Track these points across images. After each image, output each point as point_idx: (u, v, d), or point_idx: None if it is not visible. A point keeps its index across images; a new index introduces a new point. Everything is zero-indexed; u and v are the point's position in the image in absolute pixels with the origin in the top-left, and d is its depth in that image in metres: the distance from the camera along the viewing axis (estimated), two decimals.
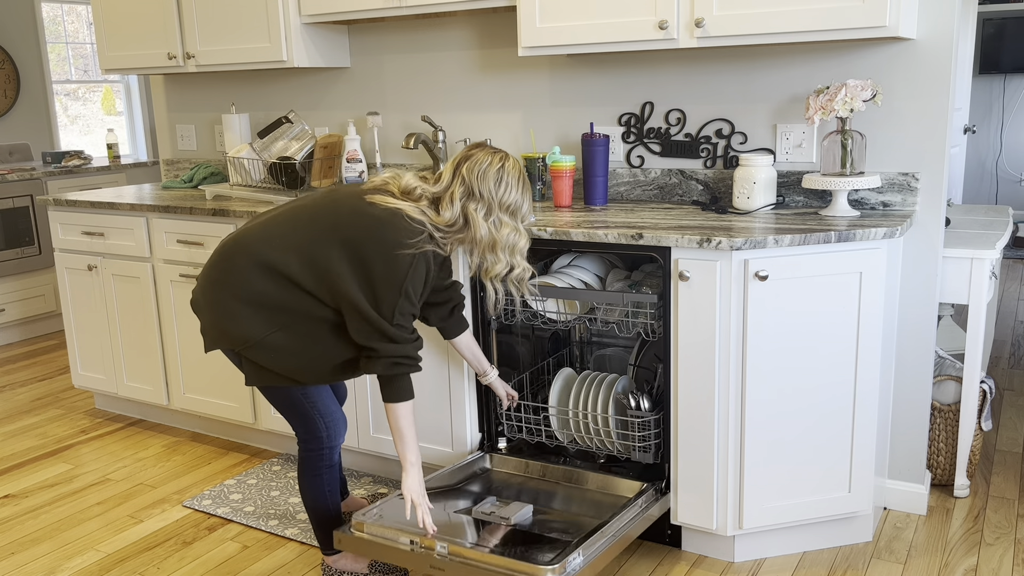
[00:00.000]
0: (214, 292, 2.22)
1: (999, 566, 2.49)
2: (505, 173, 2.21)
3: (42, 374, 4.54)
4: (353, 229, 2.12)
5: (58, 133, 6.49)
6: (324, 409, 2.34)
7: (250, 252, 2.18)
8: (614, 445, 2.62)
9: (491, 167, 2.20)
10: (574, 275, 2.66)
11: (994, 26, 6.73)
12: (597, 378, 2.70)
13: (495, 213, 2.20)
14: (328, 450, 2.37)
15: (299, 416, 2.34)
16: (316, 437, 2.35)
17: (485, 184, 2.18)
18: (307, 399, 2.31)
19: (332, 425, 2.36)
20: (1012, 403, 3.72)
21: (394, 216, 2.12)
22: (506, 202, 2.21)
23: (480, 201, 2.19)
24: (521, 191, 2.24)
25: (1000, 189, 7.10)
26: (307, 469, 2.38)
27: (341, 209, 2.17)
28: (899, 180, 2.65)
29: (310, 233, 2.15)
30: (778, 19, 2.42)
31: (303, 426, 2.35)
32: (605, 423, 2.61)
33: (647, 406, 2.52)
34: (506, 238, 2.22)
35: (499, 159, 2.22)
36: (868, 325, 2.42)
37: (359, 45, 3.54)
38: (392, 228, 2.10)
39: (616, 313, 2.60)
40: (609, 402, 2.61)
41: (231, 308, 2.18)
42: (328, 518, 2.42)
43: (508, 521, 2.34)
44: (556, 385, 2.74)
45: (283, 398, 2.31)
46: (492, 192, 2.19)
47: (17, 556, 2.73)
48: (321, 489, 2.39)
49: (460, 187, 2.18)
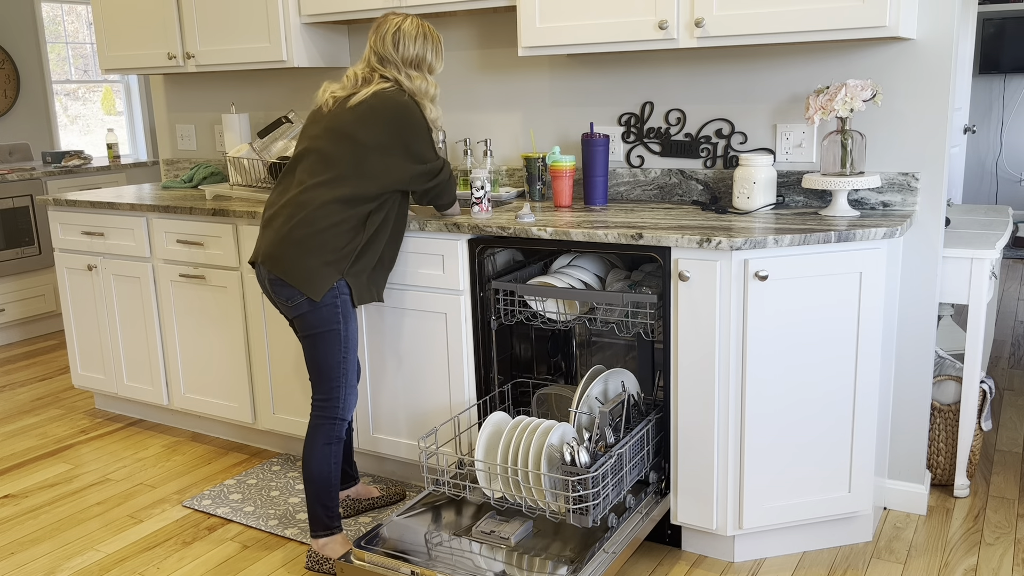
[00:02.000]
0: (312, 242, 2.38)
1: (999, 566, 2.49)
2: (402, 32, 2.48)
3: (42, 374, 4.54)
4: (365, 127, 2.40)
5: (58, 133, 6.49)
6: (349, 379, 2.50)
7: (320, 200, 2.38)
8: (548, 505, 2.30)
9: (388, 30, 2.48)
10: (574, 275, 2.66)
11: (994, 26, 6.73)
12: (531, 426, 2.37)
13: (403, 69, 2.49)
14: (340, 421, 2.49)
15: (330, 379, 2.47)
16: (334, 404, 2.47)
17: (386, 48, 2.48)
18: (345, 362, 2.47)
19: (349, 395, 2.50)
20: (1012, 403, 3.72)
21: (381, 95, 2.43)
22: (407, 57, 2.49)
23: (390, 64, 2.49)
24: (421, 44, 2.50)
25: (1000, 189, 7.10)
26: (320, 436, 2.48)
27: (346, 126, 2.42)
28: (899, 180, 2.65)
29: (344, 155, 2.40)
30: (778, 19, 2.42)
31: (327, 390, 2.47)
32: (537, 480, 2.29)
33: (584, 460, 2.22)
34: (418, 87, 2.49)
35: (396, 22, 2.49)
36: (868, 325, 2.42)
37: (359, 45, 3.54)
38: (388, 100, 2.42)
39: (616, 313, 2.58)
40: (542, 456, 2.29)
41: (331, 245, 2.38)
42: (327, 494, 2.48)
43: (509, 543, 2.30)
44: (484, 433, 2.43)
45: (332, 354, 2.45)
46: (392, 52, 2.48)
47: (17, 556, 2.73)
48: (328, 460, 2.48)
49: (374, 57, 2.50)
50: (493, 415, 2.48)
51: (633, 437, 2.41)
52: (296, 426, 3.22)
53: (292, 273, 2.37)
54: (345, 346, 2.46)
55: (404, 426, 2.94)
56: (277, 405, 3.26)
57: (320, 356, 2.46)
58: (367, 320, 2.90)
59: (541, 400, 2.90)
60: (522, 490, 2.33)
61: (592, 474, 2.21)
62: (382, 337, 2.89)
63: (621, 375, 2.62)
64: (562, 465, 2.24)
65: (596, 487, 2.23)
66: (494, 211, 2.87)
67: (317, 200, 2.37)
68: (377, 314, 2.88)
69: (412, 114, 2.43)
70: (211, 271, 3.29)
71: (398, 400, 2.92)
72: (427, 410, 2.86)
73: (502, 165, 3.34)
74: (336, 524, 2.52)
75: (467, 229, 2.65)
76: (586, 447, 2.27)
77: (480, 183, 2.76)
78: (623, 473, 2.37)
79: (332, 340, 2.44)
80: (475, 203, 2.77)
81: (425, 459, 2.43)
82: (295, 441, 3.36)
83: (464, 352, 2.74)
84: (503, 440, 2.37)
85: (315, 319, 2.42)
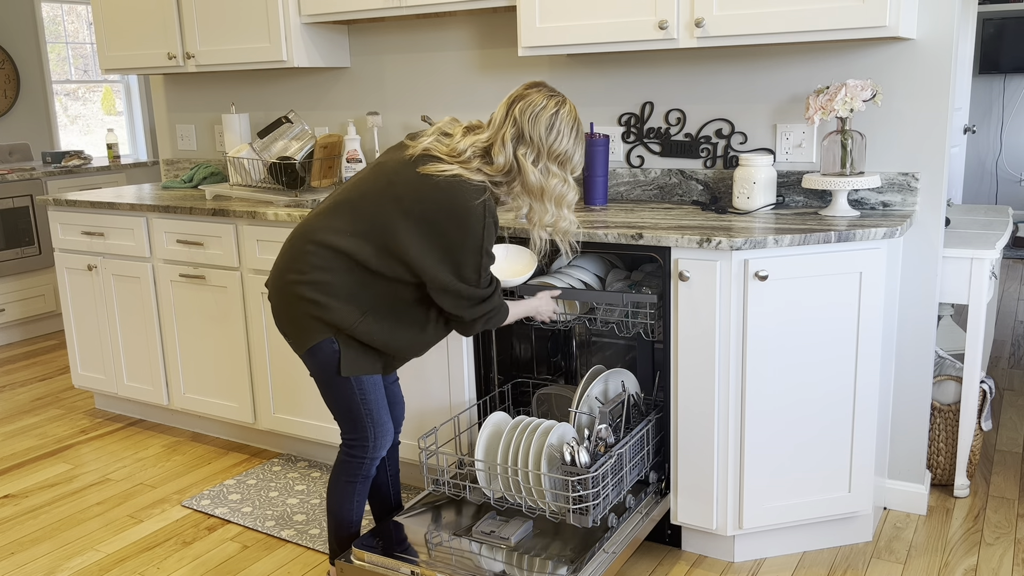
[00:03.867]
0: (298, 291, 2.14)
1: (999, 566, 2.49)
2: (559, 120, 2.11)
3: (42, 374, 4.54)
4: (419, 204, 2.05)
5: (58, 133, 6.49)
6: (377, 416, 2.25)
7: (322, 247, 2.11)
8: (547, 505, 2.30)
9: (544, 111, 2.10)
10: (574, 275, 2.66)
11: (994, 26, 6.73)
12: (531, 426, 2.37)
13: (543, 161, 2.11)
14: (369, 460, 2.28)
15: (353, 419, 2.24)
16: (362, 444, 2.26)
17: (536, 129, 2.09)
18: (365, 403, 2.22)
19: (380, 435, 2.26)
20: (1012, 403, 3.72)
21: (457, 184, 2.05)
22: (556, 151, 2.12)
23: (530, 146, 2.10)
24: (573, 141, 2.15)
25: (1000, 189, 7.10)
26: (343, 472, 2.29)
27: (399, 188, 2.09)
28: (899, 180, 2.65)
29: (377, 218, 2.09)
30: (778, 19, 2.42)
31: (353, 429, 2.26)
32: (537, 480, 2.29)
33: (584, 460, 2.21)
34: (553, 188, 2.13)
35: (555, 103, 2.12)
36: (868, 325, 2.42)
37: (359, 45, 3.54)
38: (460, 195, 2.04)
39: (616, 313, 2.58)
40: (542, 456, 2.29)
41: (320, 302, 2.10)
42: (346, 529, 2.33)
43: (509, 543, 2.29)
44: (484, 433, 2.43)
45: (348, 397, 2.21)
46: (543, 138, 2.10)
47: (17, 556, 2.73)
48: (350, 498, 2.30)
49: (511, 128, 2.10)
50: (493, 415, 2.48)
51: (633, 437, 2.41)
52: (296, 426, 3.22)
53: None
54: (360, 387, 2.20)
55: (404, 425, 2.93)
56: (277, 405, 3.25)
57: (336, 399, 2.23)
58: None
59: (541, 400, 2.90)
60: (522, 490, 2.33)
61: (592, 474, 2.20)
62: None
63: (621, 375, 2.62)
64: (562, 465, 2.24)
65: (596, 487, 2.23)
66: None
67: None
68: None
69: (482, 225, 2.07)
70: (211, 271, 3.29)
71: None
72: (427, 410, 2.86)
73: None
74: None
75: None
76: (586, 447, 2.27)
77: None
78: (623, 473, 2.37)
79: (341, 384, 2.20)
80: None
81: (425, 459, 2.43)
82: (295, 441, 3.36)
83: (464, 352, 2.74)
84: (503, 440, 2.37)
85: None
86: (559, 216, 2.19)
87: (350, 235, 2.10)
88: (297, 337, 2.17)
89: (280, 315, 2.21)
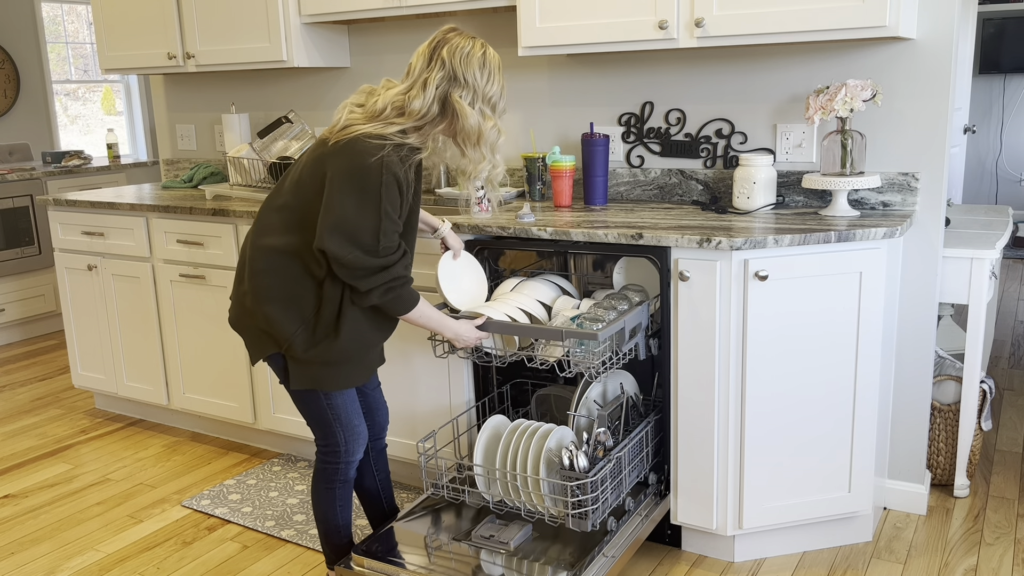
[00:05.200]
0: (245, 302, 2.14)
1: (999, 566, 2.49)
2: (488, 62, 2.05)
3: (42, 374, 4.54)
4: (324, 176, 1.99)
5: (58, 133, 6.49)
6: (347, 421, 2.23)
7: (261, 251, 2.10)
8: (547, 510, 2.28)
9: (474, 52, 2.03)
10: (515, 303, 2.44)
11: (994, 26, 6.73)
12: (529, 429, 2.34)
13: (479, 103, 2.03)
14: (344, 464, 2.26)
15: (322, 425, 2.23)
16: (334, 449, 2.24)
17: (470, 69, 2.01)
18: (331, 409, 2.20)
19: (352, 439, 2.24)
20: (1012, 403, 3.72)
21: (351, 144, 1.97)
22: (489, 93, 2.05)
23: (465, 87, 2.01)
24: (501, 85, 2.09)
25: (1000, 189, 7.10)
26: (321, 480, 2.29)
27: (311, 168, 2.04)
28: (899, 180, 2.65)
29: (299, 206, 2.05)
30: (778, 19, 2.41)
31: (323, 436, 2.24)
32: (536, 485, 2.27)
33: (583, 465, 2.20)
34: (489, 132, 2.06)
35: (480, 46, 2.05)
36: (868, 325, 2.42)
37: (359, 45, 3.54)
38: (353, 155, 1.95)
39: (559, 351, 2.30)
40: (540, 460, 2.27)
41: (266, 315, 2.08)
42: (335, 534, 2.33)
43: (508, 547, 2.29)
44: (482, 437, 2.41)
45: (312, 404, 2.19)
46: (477, 79, 2.02)
47: (17, 556, 2.73)
48: (332, 503, 2.30)
49: (439, 71, 2.01)
50: (492, 418, 2.47)
51: (632, 439, 2.41)
52: (296, 426, 3.22)
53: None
54: (325, 393, 2.18)
55: (403, 427, 2.94)
56: (277, 405, 3.25)
57: (302, 407, 2.22)
58: None
59: (540, 400, 2.90)
60: (521, 495, 2.32)
61: (591, 479, 2.19)
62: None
63: (620, 376, 2.62)
64: (561, 470, 2.23)
65: (595, 491, 2.21)
66: (494, 211, 2.87)
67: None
68: None
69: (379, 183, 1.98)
70: (211, 271, 3.29)
71: (397, 401, 2.92)
72: (426, 410, 2.86)
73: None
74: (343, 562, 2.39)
75: (467, 229, 2.65)
76: (585, 451, 2.26)
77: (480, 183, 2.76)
78: (622, 476, 2.37)
79: (303, 391, 2.19)
80: (475, 203, 2.77)
81: (424, 462, 2.42)
82: (295, 441, 3.36)
83: None
84: (502, 444, 2.36)
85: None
86: (495, 162, 2.12)
87: (282, 232, 2.07)
88: (250, 348, 2.19)
89: (235, 324, 2.22)
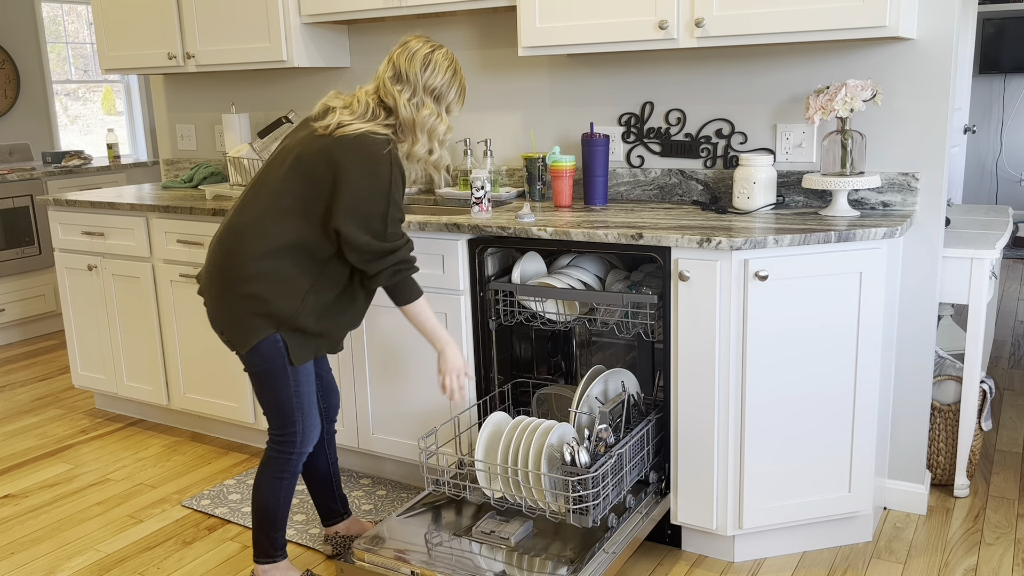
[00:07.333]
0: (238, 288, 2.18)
1: (999, 566, 2.49)
2: (433, 58, 2.24)
3: (42, 374, 4.54)
4: (334, 164, 2.14)
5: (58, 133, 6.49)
6: (308, 409, 2.30)
7: (254, 236, 2.17)
8: (547, 505, 2.30)
9: (420, 51, 2.23)
10: (574, 275, 2.66)
11: (994, 26, 6.73)
12: (531, 426, 2.37)
13: (419, 95, 2.22)
14: (297, 456, 2.32)
15: (285, 412, 2.28)
16: (291, 439, 2.30)
17: (412, 67, 2.21)
18: (298, 395, 2.26)
19: (309, 429, 2.31)
20: (1012, 403, 3.72)
21: (363, 137, 2.16)
22: (431, 85, 2.23)
23: (406, 84, 2.22)
24: (449, 78, 2.26)
25: (1000, 189, 7.10)
26: (271, 468, 2.32)
27: (305, 155, 2.18)
28: (899, 180, 2.65)
29: (298, 191, 2.17)
30: (778, 19, 2.42)
31: (282, 424, 2.29)
32: (537, 480, 2.29)
33: (584, 461, 2.23)
34: (425, 119, 2.23)
35: (430, 46, 2.25)
36: (868, 325, 2.42)
37: (359, 45, 3.54)
38: (367, 146, 2.14)
39: (616, 314, 2.57)
40: (542, 456, 2.29)
41: (260, 296, 2.16)
42: (273, 524, 2.36)
43: (509, 543, 2.29)
44: (484, 433, 2.43)
45: (282, 390, 2.25)
46: (418, 75, 2.22)
47: (17, 556, 2.73)
48: (277, 493, 2.34)
49: (390, 71, 2.23)
50: (493, 415, 2.48)
51: (633, 437, 2.41)
52: None
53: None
54: (295, 379, 2.25)
55: (404, 426, 2.94)
56: None
57: (270, 393, 2.26)
58: (367, 320, 2.90)
59: (541, 400, 2.90)
60: (522, 490, 2.33)
61: (592, 474, 2.20)
62: (382, 337, 2.89)
63: (621, 375, 2.62)
64: (562, 465, 2.24)
65: (596, 487, 2.23)
66: (494, 211, 2.87)
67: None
68: (377, 314, 2.88)
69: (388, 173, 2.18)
70: None
71: (398, 400, 2.92)
72: (427, 410, 2.86)
73: (502, 165, 3.34)
74: (279, 553, 2.41)
75: (467, 229, 2.65)
76: (586, 447, 2.27)
77: (480, 183, 2.77)
78: (623, 473, 2.37)
79: (280, 377, 2.24)
80: (475, 203, 2.77)
81: (425, 459, 2.43)
82: None
83: (464, 352, 2.74)
84: (503, 440, 2.37)
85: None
86: (432, 147, 2.28)
87: (277, 216, 2.17)
88: (237, 336, 2.21)
89: (217, 316, 2.24)
